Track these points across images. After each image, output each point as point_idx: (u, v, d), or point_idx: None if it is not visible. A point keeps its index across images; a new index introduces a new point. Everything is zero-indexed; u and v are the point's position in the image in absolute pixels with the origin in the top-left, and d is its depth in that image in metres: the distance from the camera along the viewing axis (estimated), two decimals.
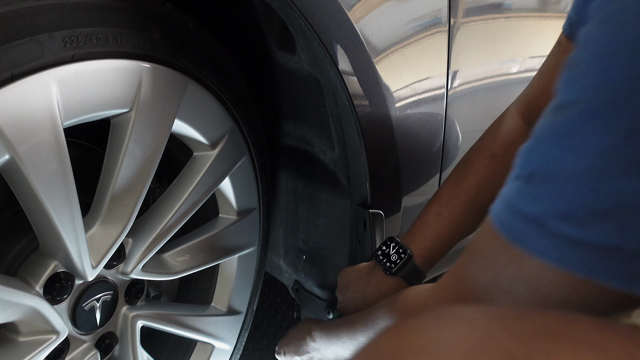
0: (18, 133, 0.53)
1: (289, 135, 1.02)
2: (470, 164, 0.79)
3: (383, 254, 0.82)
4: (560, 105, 0.32)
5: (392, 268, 0.79)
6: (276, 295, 1.61)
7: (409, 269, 0.79)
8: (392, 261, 0.80)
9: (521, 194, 0.35)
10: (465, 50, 0.91)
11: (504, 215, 0.37)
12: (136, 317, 0.81)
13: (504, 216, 0.37)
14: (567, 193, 0.31)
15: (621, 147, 0.28)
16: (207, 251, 0.90)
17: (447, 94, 0.91)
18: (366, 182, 0.85)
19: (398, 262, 0.79)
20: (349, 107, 0.78)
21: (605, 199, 0.29)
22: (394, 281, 0.80)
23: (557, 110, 0.33)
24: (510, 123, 0.80)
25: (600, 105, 0.29)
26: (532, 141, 0.35)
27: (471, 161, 0.80)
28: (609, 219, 0.29)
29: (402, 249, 0.80)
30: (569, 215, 0.31)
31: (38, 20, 0.53)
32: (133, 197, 0.69)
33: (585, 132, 0.30)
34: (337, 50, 0.74)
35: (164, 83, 0.68)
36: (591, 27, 0.31)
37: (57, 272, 0.66)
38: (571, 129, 0.31)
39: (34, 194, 0.57)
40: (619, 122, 0.28)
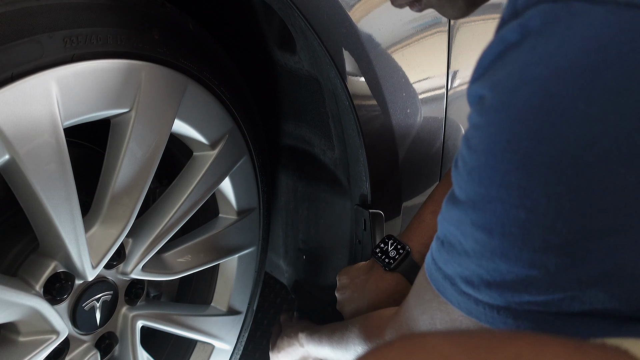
0: (18, 133, 0.53)
1: (289, 135, 1.02)
2: None
3: (381, 251, 0.82)
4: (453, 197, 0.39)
5: (390, 264, 0.80)
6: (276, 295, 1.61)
7: (407, 264, 0.80)
8: (390, 257, 0.81)
9: (440, 254, 0.43)
10: (465, 50, 0.91)
11: (431, 267, 0.44)
12: (136, 317, 0.81)
13: (431, 268, 0.44)
14: (464, 264, 0.39)
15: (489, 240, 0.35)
16: (207, 251, 0.90)
17: (447, 94, 0.91)
18: (366, 182, 0.86)
19: (397, 257, 0.80)
20: (349, 107, 0.78)
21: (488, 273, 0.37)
22: (393, 277, 0.80)
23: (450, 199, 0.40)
24: None
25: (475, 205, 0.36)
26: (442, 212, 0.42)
27: None
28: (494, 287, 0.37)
29: (401, 245, 0.81)
30: (469, 280, 0.39)
31: (38, 20, 0.53)
32: (133, 197, 0.69)
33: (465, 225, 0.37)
34: (337, 50, 0.74)
35: (164, 83, 0.68)
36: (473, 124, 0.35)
37: (57, 272, 0.66)
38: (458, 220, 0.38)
39: (34, 193, 0.57)
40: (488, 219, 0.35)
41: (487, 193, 0.34)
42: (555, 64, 0.29)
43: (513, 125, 0.32)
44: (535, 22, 0.31)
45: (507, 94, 0.32)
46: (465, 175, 0.37)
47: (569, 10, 0.29)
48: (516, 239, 0.34)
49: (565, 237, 0.32)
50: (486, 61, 0.35)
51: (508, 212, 0.33)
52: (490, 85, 0.33)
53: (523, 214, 0.33)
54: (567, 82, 0.29)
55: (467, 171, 0.36)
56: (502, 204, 0.34)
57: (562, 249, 0.33)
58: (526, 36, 0.31)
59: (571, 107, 0.29)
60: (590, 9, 0.28)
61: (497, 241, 0.35)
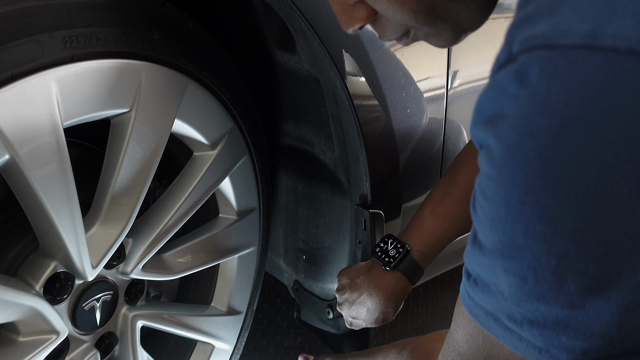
0: (18, 133, 0.53)
1: (289, 135, 1.02)
2: (461, 164, 0.81)
3: (381, 250, 0.82)
4: (477, 241, 0.39)
5: (390, 263, 0.80)
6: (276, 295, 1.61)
7: (407, 263, 0.80)
8: (390, 256, 0.81)
9: (475, 292, 0.42)
10: (465, 50, 0.91)
11: (470, 304, 0.44)
12: (136, 317, 0.81)
13: (470, 305, 0.44)
14: (503, 304, 0.39)
15: (523, 284, 0.36)
16: (207, 251, 0.90)
17: (447, 94, 0.91)
18: (366, 182, 0.86)
19: (397, 256, 0.80)
20: (349, 107, 0.78)
21: (529, 312, 0.37)
22: (394, 276, 0.81)
23: (476, 244, 0.40)
24: None
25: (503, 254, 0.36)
26: (468, 251, 0.41)
27: (461, 162, 0.81)
28: (535, 325, 0.37)
29: (400, 244, 0.81)
30: (511, 317, 0.39)
31: (38, 20, 0.53)
32: (133, 197, 0.69)
33: (497, 270, 0.38)
34: (337, 50, 0.74)
35: (164, 83, 0.68)
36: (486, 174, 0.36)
37: (57, 272, 0.66)
38: (488, 265, 0.38)
39: (34, 194, 0.57)
40: (519, 266, 0.35)
41: (513, 242, 0.35)
42: (561, 114, 0.29)
43: (527, 179, 0.32)
44: (533, 71, 0.30)
45: (515, 148, 0.32)
46: (487, 225, 0.37)
47: (568, 58, 0.29)
48: (551, 283, 0.34)
49: (599, 280, 0.33)
50: (486, 108, 0.34)
51: (538, 259, 0.34)
52: (494, 137, 0.33)
53: (554, 260, 0.33)
54: (576, 133, 0.29)
55: (489, 221, 0.36)
56: (530, 252, 0.34)
57: (597, 292, 0.33)
58: (525, 86, 0.31)
59: (585, 157, 0.29)
60: (590, 56, 0.28)
61: (531, 285, 0.35)
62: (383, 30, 0.50)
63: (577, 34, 0.28)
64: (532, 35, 0.30)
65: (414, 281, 0.82)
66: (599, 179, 0.30)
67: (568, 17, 0.29)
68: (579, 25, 0.28)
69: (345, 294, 0.86)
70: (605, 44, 0.28)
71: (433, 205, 0.81)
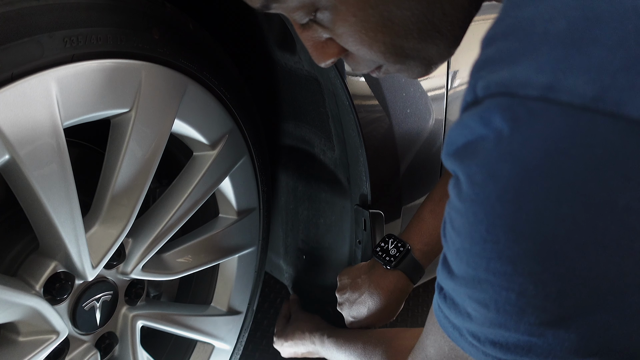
0: (18, 133, 0.53)
1: (289, 135, 1.02)
2: None
3: (382, 249, 0.83)
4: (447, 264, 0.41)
5: (391, 262, 0.80)
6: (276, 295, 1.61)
7: (408, 262, 0.80)
8: (391, 255, 0.81)
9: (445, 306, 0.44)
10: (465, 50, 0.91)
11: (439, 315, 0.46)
12: (136, 317, 0.81)
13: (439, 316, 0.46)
14: (468, 323, 0.41)
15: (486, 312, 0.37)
16: (207, 251, 0.90)
17: (447, 94, 0.91)
18: (366, 182, 0.86)
19: (397, 255, 0.81)
20: (349, 107, 0.78)
21: (491, 335, 0.39)
22: (394, 275, 0.81)
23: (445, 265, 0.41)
24: None
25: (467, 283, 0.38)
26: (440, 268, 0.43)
27: None
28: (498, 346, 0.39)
29: (401, 243, 0.82)
30: (475, 335, 0.41)
31: (38, 20, 0.53)
32: (133, 197, 0.69)
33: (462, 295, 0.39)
34: None
35: (164, 83, 0.68)
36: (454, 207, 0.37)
37: (57, 272, 0.66)
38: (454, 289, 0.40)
39: (34, 194, 0.57)
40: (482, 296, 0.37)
41: (475, 274, 0.36)
42: (522, 163, 0.30)
43: (489, 218, 0.33)
44: (496, 118, 0.31)
45: (480, 187, 0.33)
46: (454, 254, 0.38)
47: (527, 109, 0.29)
48: (511, 314, 0.36)
49: (557, 314, 0.34)
50: (458, 142, 0.35)
51: (499, 293, 0.35)
52: (463, 172, 0.34)
53: (513, 296, 0.35)
54: (535, 182, 0.30)
55: (455, 250, 0.38)
56: (491, 285, 0.36)
57: (556, 324, 0.34)
58: (489, 130, 0.32)
59: (542, 208, 0.31)
60: (547, 109, 0.29)
61: (493, 314, 0.37)
62: (356, 65, 0.51)
63: (536, 85, 0.29)
64: (494, 81, 0.31)
65: (415, 280, 0.82)
66: (556, 227, 0.31)
67: (527, 68, 0.30)
68: (537, 76, 0.29)
69: (346, 293, 0.86)
70: (562, 98, 0.28)
71: (433, 205, 0.82)
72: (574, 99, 0.28)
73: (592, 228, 0.30)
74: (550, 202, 0.30)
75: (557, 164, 0.29)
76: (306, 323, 0.96)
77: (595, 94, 0.27)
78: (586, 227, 0.30)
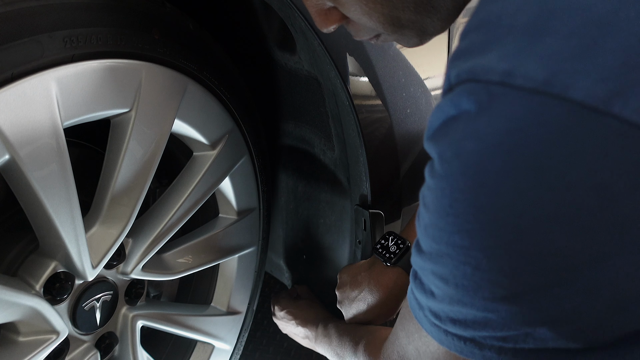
0: (18, 133, 0.53)
1: (289, 135, 1.02)
2: None
3: (382, 247, 0.83)
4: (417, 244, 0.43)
5: (391, 259, 0.81)
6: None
7: (408, 258, 0.81)
8: (391, 252, 0.82)
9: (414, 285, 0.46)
10: None
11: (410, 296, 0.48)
12: (136, 317, 0.81)
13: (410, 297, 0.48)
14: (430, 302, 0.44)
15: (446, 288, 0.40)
16: (207, 251, 0.90)
17: None
18: (366, 182, 0.86)
19: (397, 252, 0.81)
20: (349, 107, 0.78)
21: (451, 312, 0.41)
22: (394, 272, 0.81)
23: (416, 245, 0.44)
24: None
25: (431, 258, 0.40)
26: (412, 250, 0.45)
27: None
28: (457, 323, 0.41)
29: (401, 240, 0.82)
30: (436, 314, 0.44)
31: (38, 20, 0.53)
32: (133, 197, 0.69)
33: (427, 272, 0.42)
34: (337, 50, 0.74)
35: (164, 83, 0.68)
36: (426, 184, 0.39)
37: (57, 272, 0.66)
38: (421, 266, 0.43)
39: (34, 194, 0.57)
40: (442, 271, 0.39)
41: (438, 249, 0.39)
42: (484, 141, 0.33)
43: (453, 193, 0.35)
44: (464, 100, 0.34)
45: (447, 164, 0.36)
46: (422, 230, 0.41)
47: (489, 92, 0.32)
48: (467, 289, 0.38)
49: (510, 290, 0.36)
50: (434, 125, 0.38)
51: (457, 267, 0.38)
52: (436, 152, 0.37)
53: (469, 270, 0.37)
54: (495, 159, 0.32)
55: (423, 226, 0.41)
56: (451, 259, 0.38)
57: (509, 299, 0.36)
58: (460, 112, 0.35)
59: (501, 182, 0.33)
60: (506, 93, 0.32)
61: (452, 290, 0.39)
62: (356, 32, 0.55)
63: (496, 72, 0.32)
64: (464, 70, 0.35)
65: None
66: (514, 203, 0.33)
67: (492, 56, 0.33)
68: (498, 64, 0.32)
69: (346, 290, 0.86)
70: (517, 82, 0.31)
71: None
72: (527, 83, 0.31)
73: (545, 203, 0.32)
74: (508, 177, 0.32)
75: (515, 143, 0.32)
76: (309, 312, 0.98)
77: (546, 78, 0.30)
78: (540, 203, 0.32)
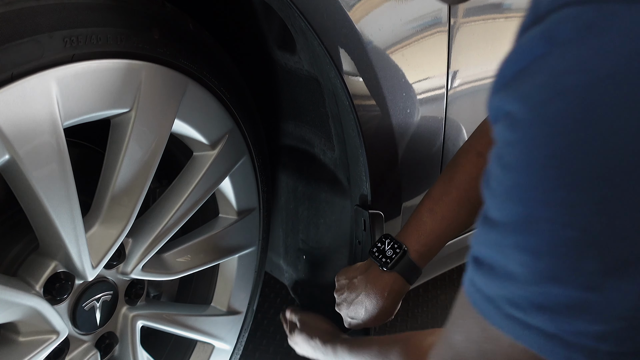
0: (18, 133, 0.53)
1: (289, 135, 1.02)
2: (459, 163, 0.80)
3: (378, 250, 0.82)
4: (487, 218, 0.37)
5: (387, 263, 0.80)
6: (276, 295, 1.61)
7: (404, 263, 0.80)
8: (387, 257, 0.80)
9: (478, 276, 0.39)
10: (465, 50, 0.91)
11: (470, 289, 0.41)
12: (136, 317, 0.81)
13: (470, 291, 0.41)
14: (508, 287, 0.36)
15: (536, 262, 0.33)
16: (207, 251, 0.90)
17: (447, 94, 0.91)
18: (366, 182, 0.85)
19: (393, 257, 0.80)
20: (349, 107, 0.78)
21: (538, 296, 0.34)
22: (390, 276, 0.80)
23: (485, 221, 0.37)
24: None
25: (517, 227, 0.33)
26: (475, 234, 0.39)
27: (460, 160, 0.80)
28: (546, 311, 0.34)
29: (397, 244, 0.81)
30: (515, 303, 0.35)
31: (38, 20, 0.53)
32: (133, 197, 0.69)
33: (506, 248, 0.34)
34: (337, 50, 0.74)
35: (164, 83, 0.68)
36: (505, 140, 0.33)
37: (57, 272, 0.66)
38: (497, 242, 0.35)
39: (34, 194, 0.57)
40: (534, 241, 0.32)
41: (530, 213, 0.32)
42: (593, 72, 0.27)
43: (553, 140, 0.30)
44: (562, 29, 0.29)
45: (541, 107, 0.30)
46: (502, 195, 0.34)
47: (603, 13, 0.27)
48: (568, 260, 0.31)
49: (624, 257, 0.30)
50: (509, 72, 0.32)
51: (557, 232, 0.31)
52: (519, 99, 0.31)
53: (575, 233, 0.31)
54: (610, 91, 0.27)
55: (504, 191, 0.34)
56: (548, 223, 0.31)
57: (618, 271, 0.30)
58: (554, 45, 0.29)
59: (618, 118, 0.27)
60: (627, 10, 0.26)
61: (546, 263, 0.32)
62: None
63: None
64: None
65: (412, 281, 0.82)
66: (633, 143, 0.27)
67: None
68: None
69: (344, 294, 0.86)
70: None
71: (432, 203, 0.81)
72: None
73: None
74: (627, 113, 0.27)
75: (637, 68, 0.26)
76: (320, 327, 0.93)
77: None
78: None
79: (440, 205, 0.80)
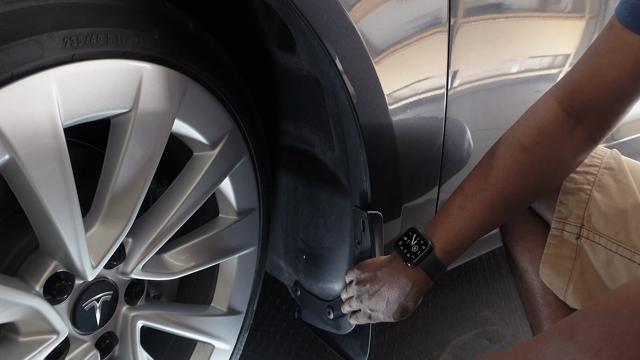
0: (18, 133, 0.53)
1: (289, 135, 1.02)
2: (499, 156, 0.75)
3: (404, 244, 0.79)
4: None
5: (412, 259, 0.77)
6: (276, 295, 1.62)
7: (429, 261, 0.77)
8: (412, 252, 0.78)
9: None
10: (465, 50, 0.91)
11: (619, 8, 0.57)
12: (136, 317, 0.81)
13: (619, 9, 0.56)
14: None
15: None
16: (207, 251, 0.90)
17: (447, 94, 0.91)
18: (366, 182, 0.86)
19: (418, 253, 0.77)
20: (349, 107, 0.78)
21: None
22: (414, 272, 0.79)
23: None
24: (546, 111, 0.74)
25: None
26: None
27: (500, 152, 0.75)
28: None
29: (423, 240, 0.78)
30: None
31: (38, 20, 0.53)
32: (133, 197, 0.69)
33: None
34: (337, 50, 0.74)
35: (164, 83, 0.68)
36: None
37: (57, 272, 0.66)
38: None
39: (34, 194, 0.57)
40: None
41: None
42: None
43: None
44: None
45: None
46: None
47: None
48: None
49: None
50: None
51: None
52: None
53: None
54: None
55: None
56: None
57: None
58: None
59: None
60: None
61: None
62: None
63: None
64: None
65: (435, 278, 0.79)
66: None
67: None
68: None
69: (366, 285, 0.84)
70: None
71: (463, 199, 0.76)
72: None
73: None
74: None
75: None
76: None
77: None
78: None
79: (472, 203, 0.75)
